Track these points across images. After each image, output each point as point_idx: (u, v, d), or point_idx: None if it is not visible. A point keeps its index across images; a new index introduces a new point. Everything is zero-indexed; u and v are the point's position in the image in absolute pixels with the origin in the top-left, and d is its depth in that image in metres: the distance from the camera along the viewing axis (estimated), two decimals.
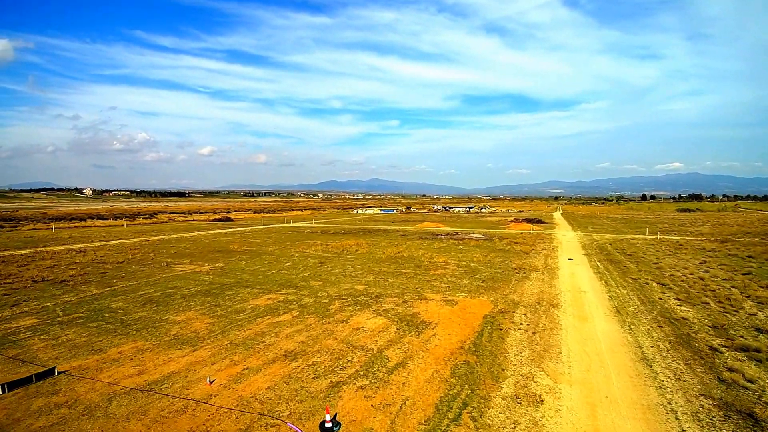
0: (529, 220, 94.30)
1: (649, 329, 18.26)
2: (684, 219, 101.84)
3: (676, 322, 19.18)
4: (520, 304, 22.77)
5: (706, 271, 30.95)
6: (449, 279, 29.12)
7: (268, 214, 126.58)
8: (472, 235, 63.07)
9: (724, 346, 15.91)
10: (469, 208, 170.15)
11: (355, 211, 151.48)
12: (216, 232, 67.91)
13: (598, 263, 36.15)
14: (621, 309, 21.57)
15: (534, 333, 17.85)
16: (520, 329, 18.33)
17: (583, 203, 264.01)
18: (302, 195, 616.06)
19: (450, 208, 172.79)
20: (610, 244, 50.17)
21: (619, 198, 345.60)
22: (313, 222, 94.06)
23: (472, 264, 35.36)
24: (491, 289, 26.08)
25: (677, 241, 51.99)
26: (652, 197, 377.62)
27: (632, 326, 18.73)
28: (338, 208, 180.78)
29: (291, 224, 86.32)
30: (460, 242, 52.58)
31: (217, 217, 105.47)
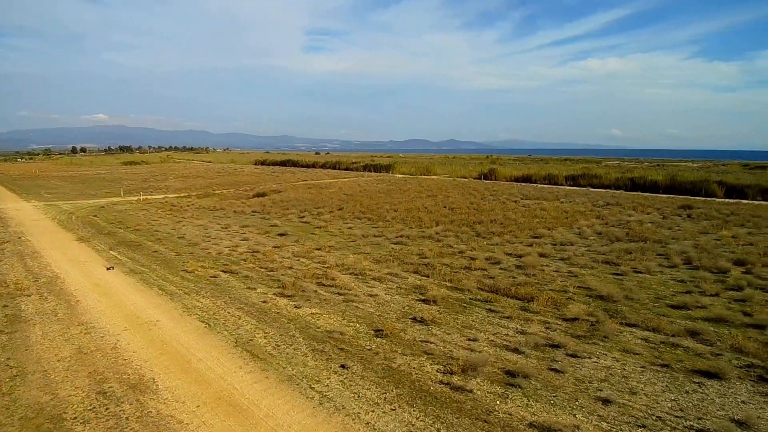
0: None
1: (343, 386, 10.91)
2: (142, 173, 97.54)
3: (339, 342, 12.89)
4: (65, 415, 8.60)
5: (246, 239, 26.90)
6: None
7: None
8: None
9: (447, 372, 11.24)
10: None
11: None
12: None
13: (116, 254, 23.62)
14: (249, 345, 12.62)
15: None
16: None
17: (6, 159, 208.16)
18: None
19: None
20: (96, 216, 36.74)
21: (47, 151, 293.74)
22: None
23: None
24: None
25: (167, 201, 46.12)
26: (83, 150, 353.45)
27: (316, 389, 10.65)
28: None
29: None
30: None
31: None
